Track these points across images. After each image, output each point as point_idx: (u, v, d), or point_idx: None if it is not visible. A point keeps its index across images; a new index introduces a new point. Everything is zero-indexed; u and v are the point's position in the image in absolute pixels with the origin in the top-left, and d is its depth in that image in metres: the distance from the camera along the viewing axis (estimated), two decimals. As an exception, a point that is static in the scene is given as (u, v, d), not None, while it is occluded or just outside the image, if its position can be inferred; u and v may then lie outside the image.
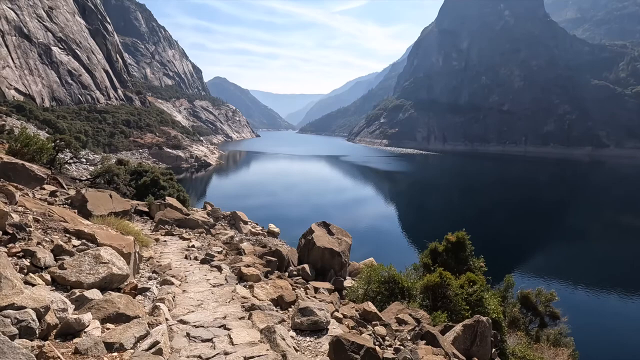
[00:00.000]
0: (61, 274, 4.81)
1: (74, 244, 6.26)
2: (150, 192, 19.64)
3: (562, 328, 10.04)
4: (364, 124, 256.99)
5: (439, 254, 10.56)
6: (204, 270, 8.11)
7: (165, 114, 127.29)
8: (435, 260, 10.42)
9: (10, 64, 71.92)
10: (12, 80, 71.14)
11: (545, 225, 51.33)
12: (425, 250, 10.96)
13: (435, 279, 8.07)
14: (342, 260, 9.71)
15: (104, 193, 11.66)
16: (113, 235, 6.87)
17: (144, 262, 8.18)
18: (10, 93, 69.31)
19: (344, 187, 78.11)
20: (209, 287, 6.80)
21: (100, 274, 5.04)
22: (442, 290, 8.01)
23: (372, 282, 8.09)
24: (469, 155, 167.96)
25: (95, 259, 5.21)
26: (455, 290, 8.07)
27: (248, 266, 8.21)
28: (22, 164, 10.75)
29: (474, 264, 10.73)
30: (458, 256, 10.48)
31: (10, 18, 74.62)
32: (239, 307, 5.78)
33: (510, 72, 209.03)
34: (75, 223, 7.26)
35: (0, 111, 59.73)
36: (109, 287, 5.17)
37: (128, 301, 4.44)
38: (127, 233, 8.32)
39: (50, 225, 6.69)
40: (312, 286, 8.23)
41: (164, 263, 8.33)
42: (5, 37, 72.05)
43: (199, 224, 14.82)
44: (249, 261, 8.66)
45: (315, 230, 10.39)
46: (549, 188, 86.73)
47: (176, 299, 5.87)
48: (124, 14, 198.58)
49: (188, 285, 6.82)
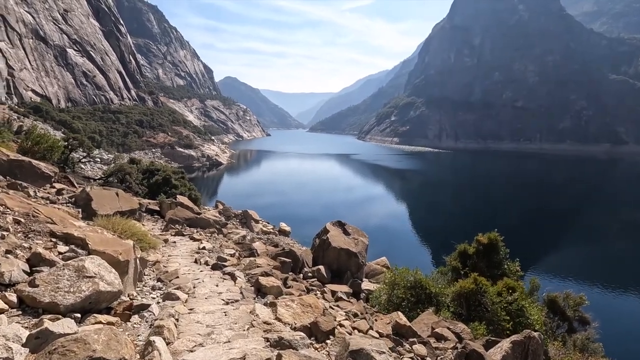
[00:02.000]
0: (31, 293, 3.85)
1: (59, 250, 5.33)
2: (162, 191, 19.68)
3: (589, 333, 9.48)
4: (375, 122, 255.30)
5: (469, 257, 9.68)
6: (215, 279, 7.29)
7: (177, 113, 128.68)
8: (464, 263, 9.59)
9: (28, 66, 73.59)
10: (29, 82, 72.79)
11: (563, 224, 50.02)
12: (453, 252, 9.98)
13: (469, 285, 7.37)
14: (359, 262, 9.28)
15: (109, 191, 11.19)
16: (109, 240, 6.03)
17: (150, 267, 7.57)
18: (27, 94, 70.94)
19: (355, 186, 77.64)
20: (222, 305, 5.69)
21: (82, 291, 4.05)
22: (477, 298, 7.34)
23: (397, 288, 7.51)
24: (481, 152, 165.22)
25: (77, 272, 4.20)
26: (493, 298, 7.37)
27: (266, 274, 7.44)
28: (28, 161, 10.47)
29: (509, 268, 9.90)
30: (490, 259, 9.68)
31: (27, 21, 76.32)
32: (262, 340, 4.45)
33: (525, 67, 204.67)
34: (64, 225, 6.36)
35: (18, 112, 61.18)
36: (95, 309, 4.23)
37: (110, 337, 3.16)
38: (133, 234, 7.91)
39: (34, 228, 5.72)
40: (329, 289, 7.79)
41: (170, 269, 7.61)
42: (23, 40, 73.73)
43: (211, 223, 14.55)
44: (264, 266, 8.08)
45: (330, 229, 9.96)
46: (565, 186, 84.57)
47: (180, 323, 4.78)
48: (136, 15, 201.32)
49: (196, 302, 5.79)
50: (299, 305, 5.58)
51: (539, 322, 7.56)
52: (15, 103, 65.53)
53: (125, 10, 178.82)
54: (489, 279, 8.29)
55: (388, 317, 6.20)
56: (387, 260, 16.03)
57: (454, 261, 9.64)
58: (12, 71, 67.89)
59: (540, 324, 7.58)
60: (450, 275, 9.42)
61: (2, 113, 55.80)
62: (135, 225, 8.64)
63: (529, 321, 7.28)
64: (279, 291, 6.56)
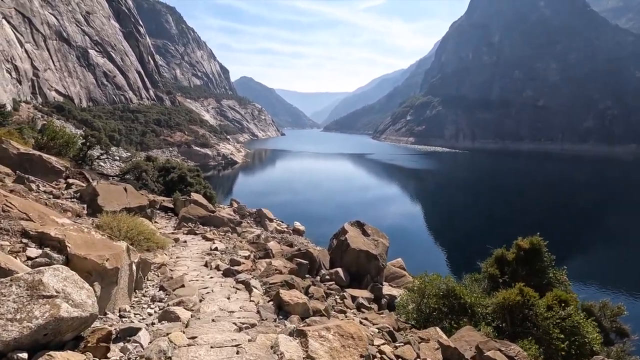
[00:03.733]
0: None
1: (29, 254, 4.32)
2: (178, 189, 19.78)
3: (625, 345, 8.81)
4: (390, 122, 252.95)
5: (507, 264, 8.59)
6: (226, 288, 6.33)
7: (193, 113, 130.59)
8: (502, 270, 8.57)
9: (52, 66, 75.94)
10: (52, 82, 75.10)
11: (590, 228, 48.12)
12: (489, 258, 8.85)
13: (514, 296, 6.45)
14: (380, 264, 8.76)
15: (117, 186, 10.67)
16: (95, 241, 5.03)
17: (154, 270, 6.87)
18: (51, 94, 73.22)
19: (369, 185, 76.98)
20: (233, 332, 4.37)
21: (35, 319, 2.85)
22: (523, 312, 6.45)
23: (427, 296, 6.74)
24: (500, 153, 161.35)
25: (30, 291, 3.00)
26: (543, 312, 6.45)
27: (287, 285, 6.39)
28: (39, 155, 10.21)
29: (555, 276, 8.83)
30: (532, 267, 8.67)
31: (51, 23, 78.76)
32: None
33: (546, 65, 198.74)
34: (43, 222, 5.46)
35: (42, 111, 63.20)
36: (54, 341, 3.02)
37: None
38: (140, 232, 7.46)
39: (2, 226, 4.78)
40: (349, 294, 7.26)
41: (177, 274, 6.80)
42: (47, 42, 76.11)
43: (225, 222, 14.19)
44: (281, 268, 7.41)
45: (348, 230, 9.47)
46: (589, 188, 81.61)
47: None
48: (155, 17, 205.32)
49: (200, 325, 4.51)
50: (337, 336, 4.14)
51: (598, 341, 6.65)
52: (39, 102, 67.71)
53: (145, 11, 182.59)
54: (533, 289, 7.24)
55: (425, 333, 5.49)
56: (402, 262, 15.60)
57: (491, 268, 8.45)
58: (37, 72, 70.17)
59: (599, 344, 6.69)
60: (486, 283, 8.34)
61: (28, 112, 57.73)
62: (142, 223, 8.17)
63: (586, 340, 6.36)
64: (304, 309, 5.42)
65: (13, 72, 61.91)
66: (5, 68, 58.57)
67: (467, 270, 9.91)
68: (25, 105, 60.99)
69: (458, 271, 25.34)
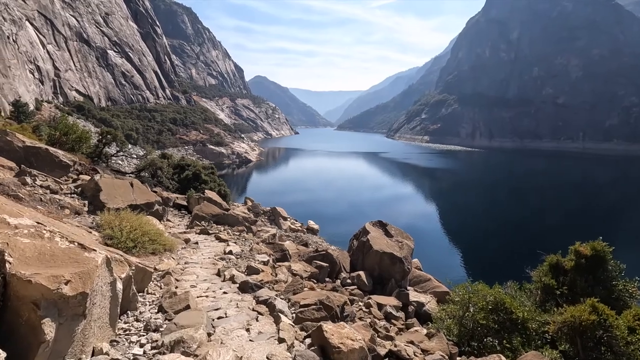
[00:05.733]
0: None
1: None
2: (192, 186, 19.80)
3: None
4: (404, 120, 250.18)
5: (564, 272, 7.21)
6: (244, 313, 5.09)
7: (208, 112, 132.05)
8: (557, 280, 7.10)
9: (72, 67, 77.95)
10: (73, 82, 77.08)
11: (613, 230, 46.20)
12: (541, 266, 7.32)
13: (586, 315, 5.19)
14: (405, 268, 8.12)
15: (123, 181, 9.85)
16: (56, 252, 3.59)
17: (157, 281, 5.86)
18: (71, 94, 75.17)
19: (383, 184, 76.19)
20: None
21: None
22: (597, 334, 5.15)
23: (474, 311, 5.53)
24: (518, 152, 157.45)
25: None
26: (624, 335, 5.14)
27: (324, 307, 5.14)
28: (45, 148, 9.68)
29: (626, 289, 7.30)
30: (596, 277, 7.32)
31: (72, 25, 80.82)
32: None
33: (567, 61, 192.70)
34: None
35: (63, 110, 64.88)
36: None
37: None
38: (145, 233, 6.75)
39: None
40: (375, 301, 6.57)
41: (182, 287, 5.67)
42: (68, 43, 78.14)
43: (239, 221, 13.61)
44: (303, 276, 6.73)
45: (370, 230, 8.89)
46: (612, 189, 78.65)
47: None
48: (172, 17, 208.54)
49: None
50: None
51: None
52: (60, 102, 69.58)
53: (162, 12, 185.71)
54: None
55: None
56: (419, 263, 15.18)
57: (546, 277, 6.92)
58: (58, 72, 72.13)
59: None
60: (538, 295, 6.86)
61: (49, 111, 59.38)
62: (149, 221, 7.43)
63: None
64: (362, 357, 3.93)
65: (36, 73, 63.77)
66: (28, 69, 60.35)
67: (488, 274, 9.27)
68: (47, 104, 62.72)
69: (476, 275, 24.51)
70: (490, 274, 9.85)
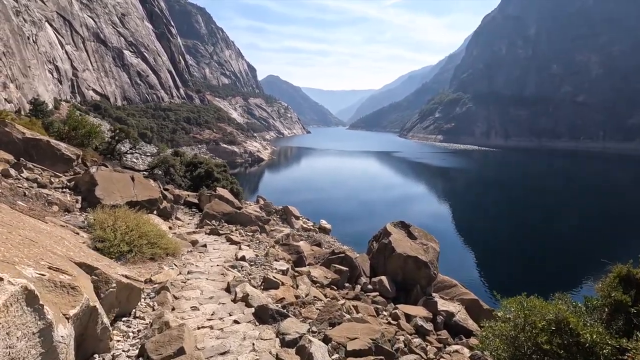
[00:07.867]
0: None
1: None
2: (205, 184, 19.77)
3: None
4: (417, 119, 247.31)
5: (637, 286, 5.63)
6: None
7: (221, 111, 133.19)
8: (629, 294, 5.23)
9: (89, 67, 79.56)
10: (90, 82, 78.67)
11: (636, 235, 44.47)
12: (607, 277, 5.94)
13: None
14: (431, 273, 7.56)
15: (123, 175, 8.88)
16: None
17: (148, 298, 4.70)
18: (89, 93, 76.76)
19: (395, 184, 75.33)
20: None
21: None
22: None
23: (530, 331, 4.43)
24: (535, 151, 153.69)
25: None
26: None
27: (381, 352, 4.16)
28: (46, 141, 9.08)
29: None
30: None
31: (89, 25, 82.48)
32: None
33: (587, 59, 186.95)
34: None
35: (80, 110, 66.25)
36: None
37: None
38: (144, 234, 5.90)
39: None
40: (402, 312, 5.94)
41: (176, 319, 4.17)
42: (86, 43, 79.78)
43: (252, 220, 12.94)
44: (324, 283, 5.91)
45: (392, 232, 8.27)
46: (635, 190, 75.88)
47: None
48: (186, 17, 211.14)
49: None
50: None
51: None
52: (78, 101, 71.08)
53: (176, 13, 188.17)
54: None
55: None
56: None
57: (616, 292, 5.44)
58: (76, 72, 73.70)
59: None
60: (605, 312, 5.35)
61: (67, 110, 60.69)
62: (149, 221, 6.49)
63: None
64: None
65: (54, 73, 65.24)
66: (47, 69, 61.78)
67: (506, 280, 8.52)
68: (65, 104, 64.10)
69: (494, 280, 23.75)
70: (517, 281, 9.15)
